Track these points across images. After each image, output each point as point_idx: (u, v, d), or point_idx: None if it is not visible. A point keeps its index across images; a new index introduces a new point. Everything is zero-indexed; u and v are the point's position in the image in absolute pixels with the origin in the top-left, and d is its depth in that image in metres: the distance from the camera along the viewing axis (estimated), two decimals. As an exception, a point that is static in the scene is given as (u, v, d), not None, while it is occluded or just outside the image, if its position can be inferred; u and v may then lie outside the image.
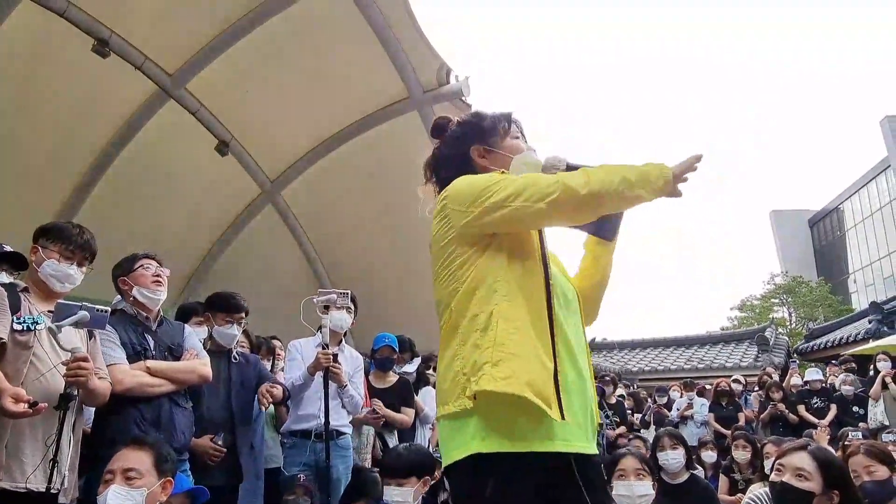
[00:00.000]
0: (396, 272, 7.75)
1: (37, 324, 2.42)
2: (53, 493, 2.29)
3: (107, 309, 2.50)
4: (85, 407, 2.70)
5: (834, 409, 7.99)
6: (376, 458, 4.34)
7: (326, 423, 3.53)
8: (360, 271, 7.73)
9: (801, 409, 8.07)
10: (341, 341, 4.11)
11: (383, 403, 4.44)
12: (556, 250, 1.88)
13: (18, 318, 2.39)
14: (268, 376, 3.75)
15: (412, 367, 5.35)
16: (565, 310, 1.71)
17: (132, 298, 2.94)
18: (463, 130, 1.96)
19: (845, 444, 4.10)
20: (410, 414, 4.67)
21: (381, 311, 6.61)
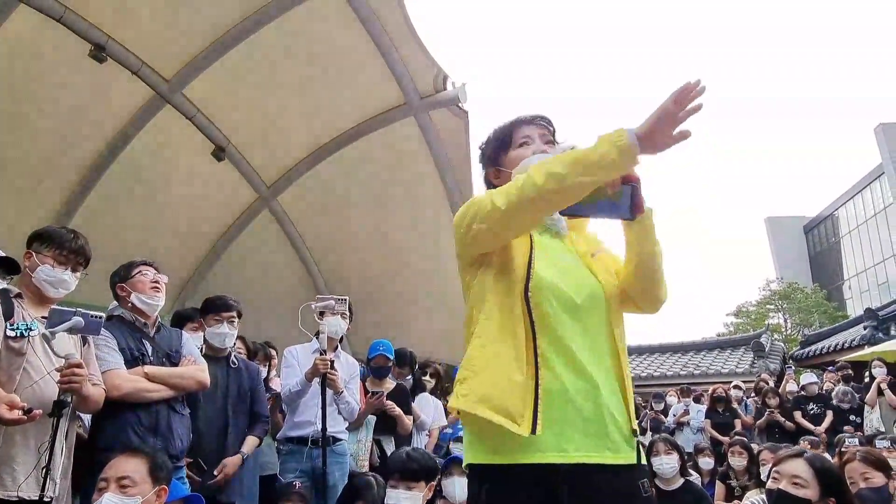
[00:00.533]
0: (394, 278, 7.74)
1: (30, 330, 2.40)
2: (46, 501, 2.27)
3: (101, 315, 2.48)
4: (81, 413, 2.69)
5: (830, 415, 7.99)
6: (374, 464, 4.32)
7: (324, 429, 3.51)
8: (357, 277, 7.72)
9: (798, 416, 8.08)
10: (337, 347, 4.09)
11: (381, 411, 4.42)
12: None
13: (12, 324, 2.37)
14: (259, 386, 3.72)
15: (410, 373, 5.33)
16: (570, 314, 1.63)
17: (130, 305, 2.93)
18: (481, 155, 1.98)
19: (841, 450, 4.10)
20: (409, 420, 4.65)
21: (378, 318, 6.61)
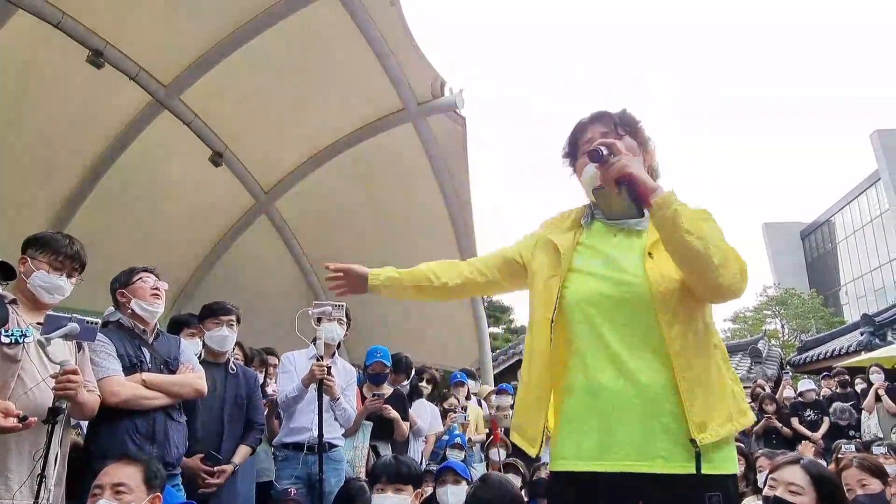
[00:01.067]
0: (390, 283, 7.72)
1: (25, 336, 2.38)
2: (40, 508, 2.25)
3: (97, 321, 2.47)
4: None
5: (827, 421, 7.99)
6: (370, 470, 4.30)
7: (320, 435, 3.49)
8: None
9: (795, 422, 8.07)
10: (334, 353, 4.08)
11: (377, 417, 4.41)
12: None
13: (6, 330, 2.35)
14: (256, 393, 3.71)
15: (406, 380, 5.32)
16: (607, 321, 1.65)
17: (130, 311, 2.92)
18: (564, 160, 1.97)
19: (838, 456, 4.09)
20: (406, 426, 4.64)
21: (375, 324, 6.60)
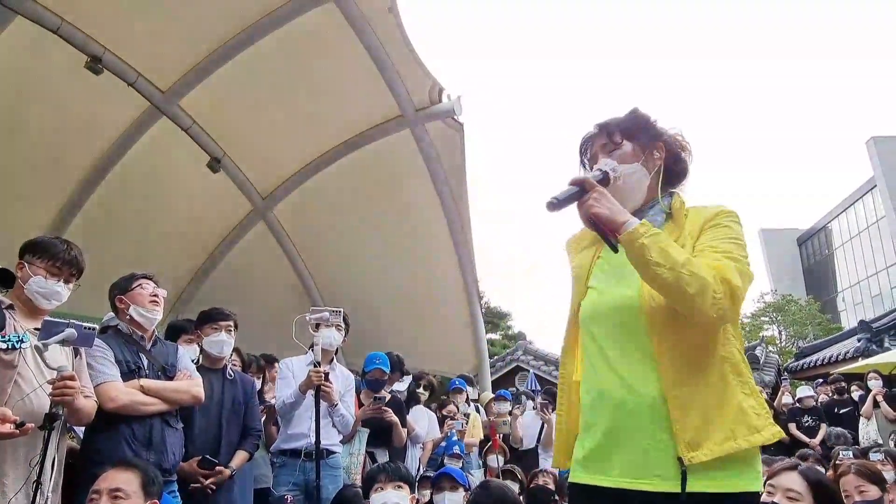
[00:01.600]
0: (389, 290, 7.73)
1: (22, 342, 2.38)
2: (37, 515, 2.24)
3: (94, 326, 2.47)
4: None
5: (824, 427, 7.99)
6: (364, 476, 4.28)
7: (317, 441, 3.48)
8: (352, 289, 7.70)
9: (793, 428, 8.07)
10: (333, 360, 4.07)
11: (375, 423, 4.40)
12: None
13: (3, 336, 2.35)
14: (253, 399, 3.70)
15: (403, 386, 5.31)
16: (608, 336, 1.68)
17: (128, 317, 2.92)
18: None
19: (836, 463, 4.09)
20: (404, 433, 4.63)
21: (372, 330, 6.59)
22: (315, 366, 3.62)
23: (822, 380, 10.04)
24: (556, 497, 4.11)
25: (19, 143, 5.56)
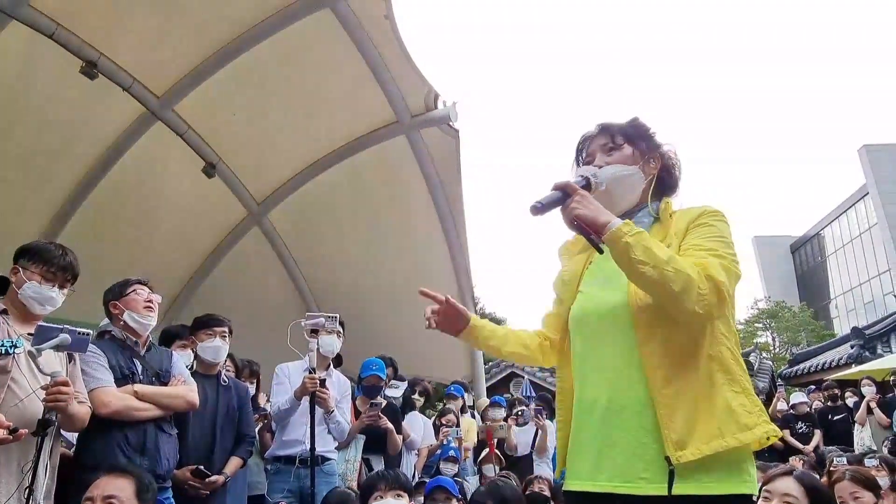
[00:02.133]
0: (384, 296, 7.71)
1: (16, 347, 2.36)
2: (29, 522, 2.22)
3: (88, 332, 2.45)
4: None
5: (818, 434, 8.01)
6: (362, 483, 4.26)
7: (312, 448, 3.46)
8: (347, 294, 7.68)
9: (787, 434, 8.09)
10: (329, 366, 4.06)
11: (370, 429, 4.37)
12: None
13: (-4, 341, 2.33)
14: (247, 406, 3.68)
15: (399, 392, 5.29)
16: (595, 338, 1.69)
17: (122, 323, 2.90)
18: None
19: (831, 469, 4.10)
20: (399, 440, 4.61)
21: (368, 335, 6.57)
22: (310, 372, 3.61)
23: (815, 386, 10.07)
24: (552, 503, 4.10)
25: (13, 147, 5.54)
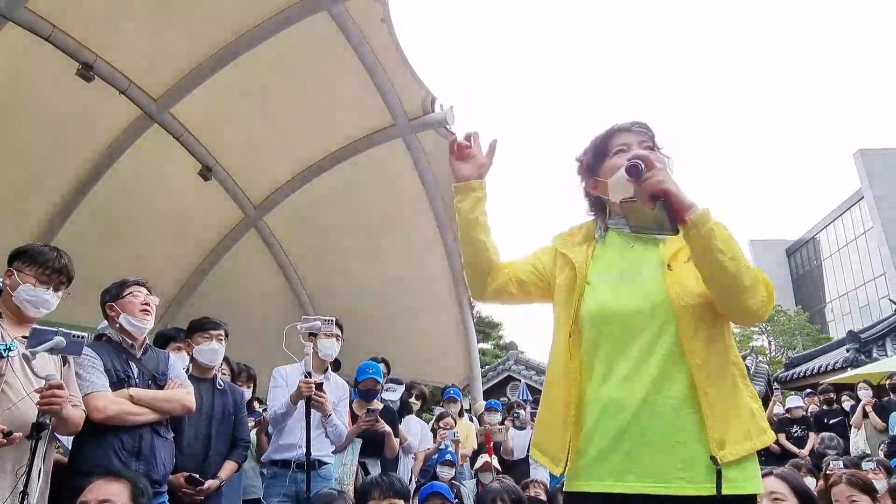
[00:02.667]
0: (380, 299, 7.71)
1: (10, 350, 2.35)
2: (22, 527, 2.20)
3: (83, 335, 2.44)
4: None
5: (813, 437, 8.02)
6: (358, 488, 4.24)
7: (308, 452, 3.45)
8: (343, 298, 7.68)
9: (782, 438, 8.09)
10: (327, 369, 4.04)
11: (367, 433, 4.36)
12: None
13: (-9, 344, 2.32)
14: (242, 410, 3.67)
15: (396, 396, 5.28)
16: (624, 335, 1.61)
17: (118, 325, 2.88)
18: (579, 165, 1.89)
19: (827, 473, 4.10)
20: (397, 443, 4.59)
21: (364, 338, 6.56)
22: (306, 376, 3.59)
23: (811, 390, 10.10)
24: (548, 507, 4.10)
25: (10, 149, 5.52)
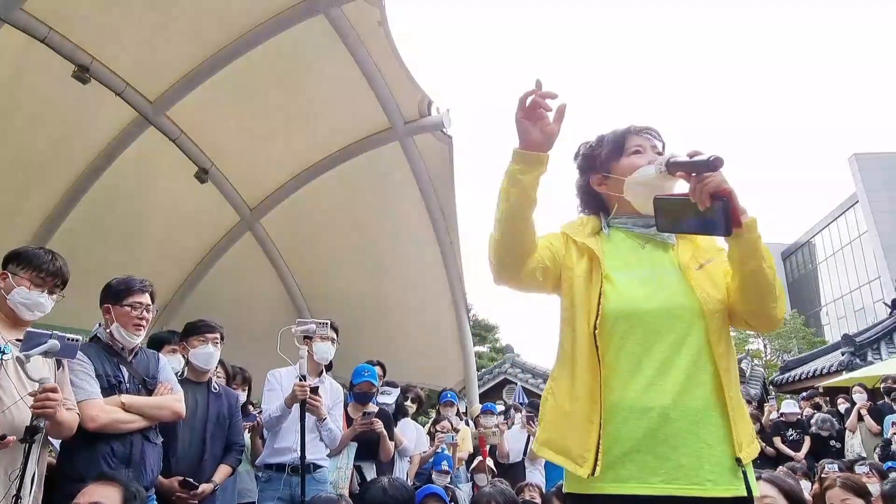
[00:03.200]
0: (376, 302, 7.70)
1: (3, 353, 2.34)
2: (15, 531, 2.19)
3: (77, 338, 2.42)
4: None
5: (808, 440, 8.04)
6: (353, 491, 4.23)
7: (302, 456, 3.44)
8: (339, 301, 7.66)
9: (777, 442, 8.11)
10: (322, 372, 4.03)
11: (363, 436, 4.35)
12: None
13: (-16, 347, 2.31)
14: (237, 414, 3.66)
15: (391, 399, 5.27)
16: (650, 335, 1.58)
17: (109, 331, 2.86)
18: (583, 159, 1.88)
19: (822, 476, 4.11)
20: (392, 446, 4.58)
21: (359, 341, 6.55)
22: (301, 379, 3.58)
23: (804, 395, 10.15)
24: (543, 510, 4.09)
25: (5, 151, 5.50)
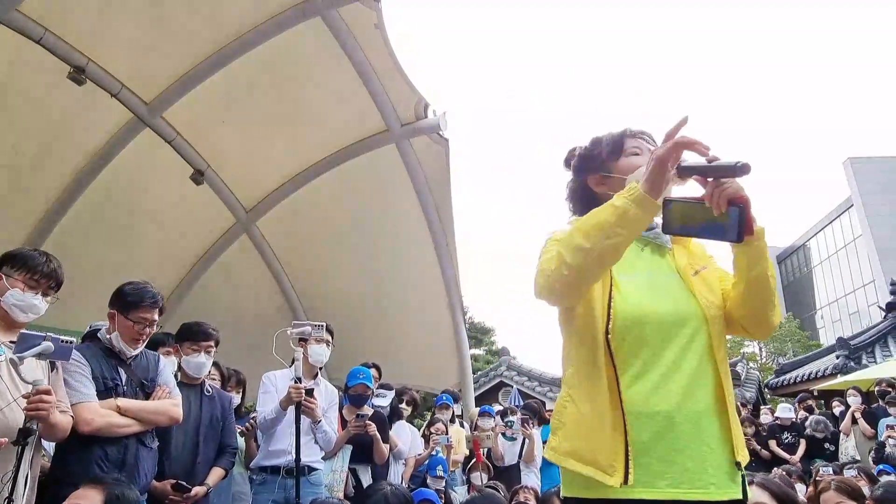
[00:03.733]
0: (372, 304, 7.70)
1: (-3, 355, 2.33)
2: (7, 534, 2.18)
3: (71, 339, 2.41)
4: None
5: (803, 444, 8.07)
6: (348, 494, 4.23)
7: (297, 458, 3.43)
8: (335, 303, 7.66)
9: (773, 445, 8.13)
10: (317, 375, 4.02)
11: (357, 438, 4.34)
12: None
13: (-22, 349, 2.30)
14: (230, 416, 3.64)
15: (386, 401, 5.27)
16: (659, 340, 1.57)
17: (109, 338, 2.83)
18: (580, 160, 1.87)
19: (816, 479, 4.12)
20: (386, 449, 4.58)
21: (355, 344, 6.55)
22: (296, 382, 3.57)
23: (798, 397, 10.18)
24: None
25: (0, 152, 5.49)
